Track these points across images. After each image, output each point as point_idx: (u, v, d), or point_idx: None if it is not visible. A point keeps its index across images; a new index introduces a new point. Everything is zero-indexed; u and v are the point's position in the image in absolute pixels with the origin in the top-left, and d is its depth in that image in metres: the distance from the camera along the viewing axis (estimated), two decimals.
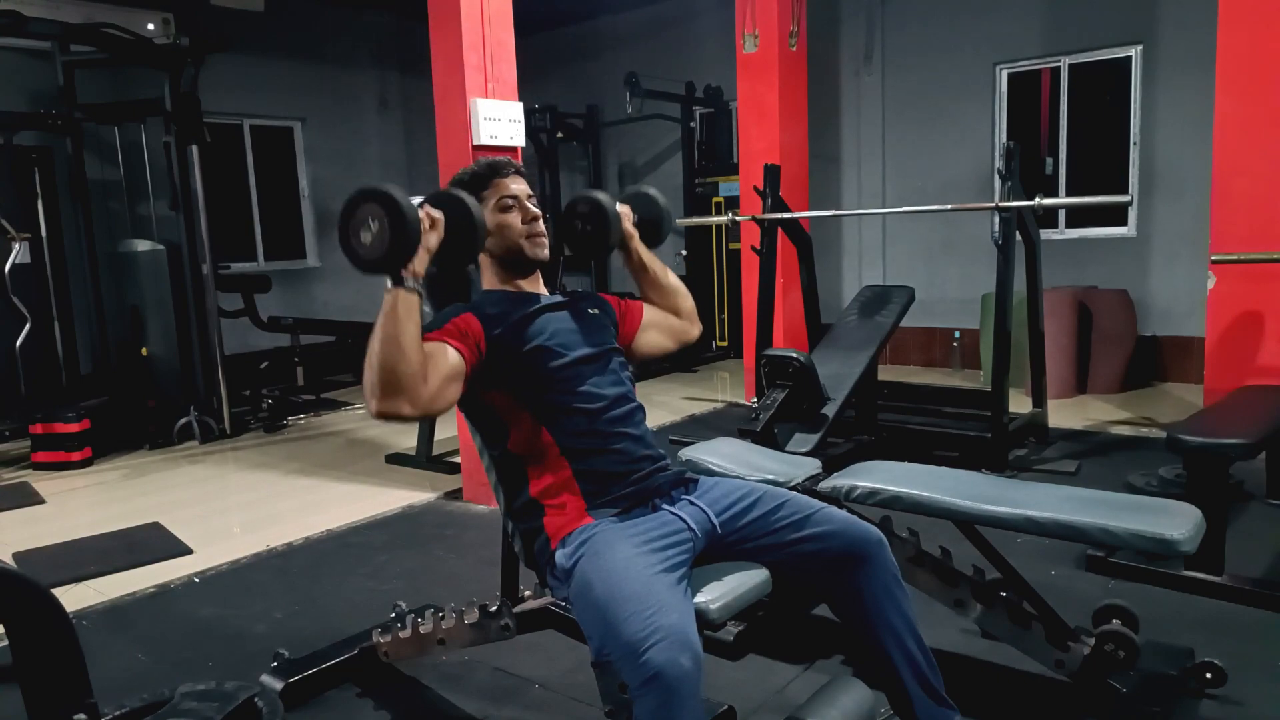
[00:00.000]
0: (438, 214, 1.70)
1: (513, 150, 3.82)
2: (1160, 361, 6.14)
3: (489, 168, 1.95)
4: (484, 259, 1.95)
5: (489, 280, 1.97)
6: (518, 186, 1.93)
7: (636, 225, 2.11)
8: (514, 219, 1.91)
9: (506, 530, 1.95)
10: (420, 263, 1.64)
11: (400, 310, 1.59)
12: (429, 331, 1.73)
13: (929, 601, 2.17)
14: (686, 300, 2.20)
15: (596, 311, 1.99)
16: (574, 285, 2.10)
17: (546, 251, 1.95)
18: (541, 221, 1.94)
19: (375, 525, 3.85)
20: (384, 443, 5.31)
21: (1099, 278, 6.17)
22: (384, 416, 1.61)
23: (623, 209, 2.08)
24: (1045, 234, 5.55)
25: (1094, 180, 6.42)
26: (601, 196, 2.04)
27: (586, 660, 1.58)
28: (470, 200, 1.76)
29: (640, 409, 1.94)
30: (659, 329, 2.15)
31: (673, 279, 2.18)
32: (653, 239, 2.17)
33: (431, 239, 1.67)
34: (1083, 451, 4.46)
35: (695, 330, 2.21)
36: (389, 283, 1.61)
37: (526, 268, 1.94)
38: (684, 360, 7.73)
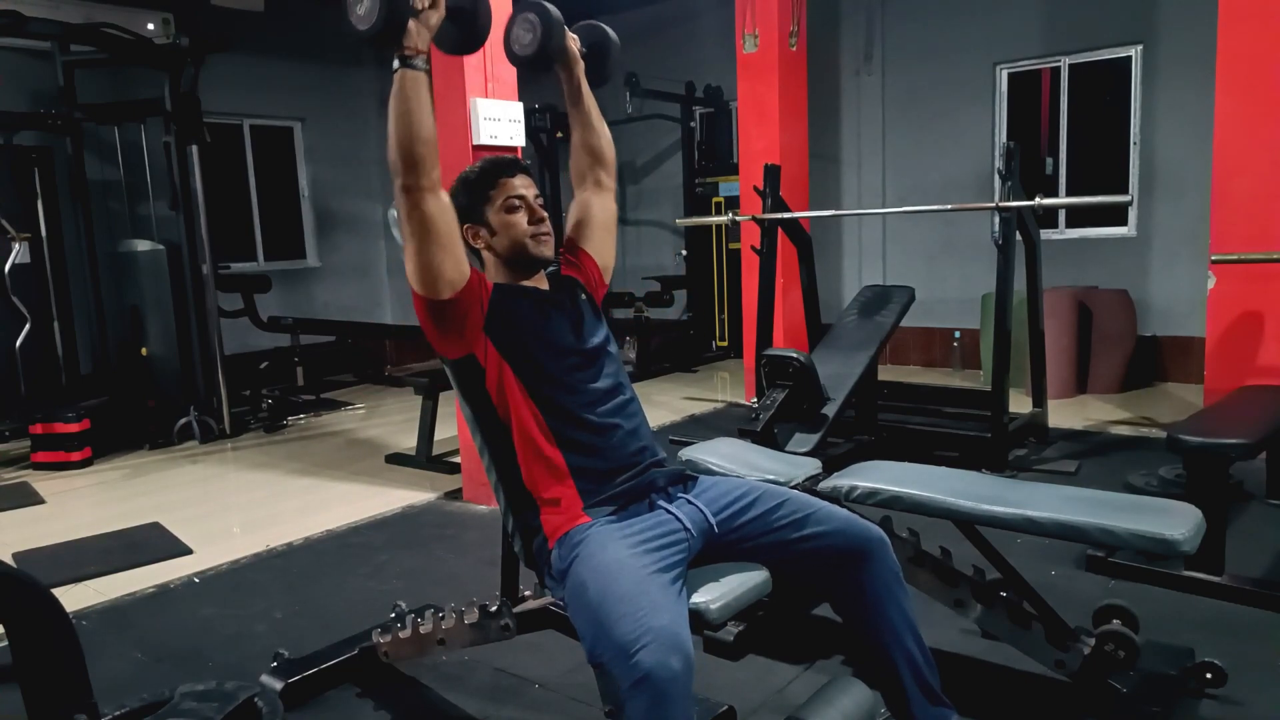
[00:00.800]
0: None
1: (512, 150, 3.82)
2: (1160, 361, 6.14)
3: (494, 166, 1.93)
4: (488, 257, 1.94)
5: (493, 277, 1.96)
6: (524, 187, 1.91)
7: (584, 55, 2.06)
8: (520, 219, 1.89)
9: (506, 530, 1.95)
10: (421, 38, 1.67)
11: (408, 87, 1.65)
12: None
13: (929, 601, 2.17)
14: (609, 148, 2.14)
15: (584, 298, 1.98)
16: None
17: (552, 251, 1.94)
18: (548, 221, 1.93)
19: (375, 525, 3.85)
20: (384, 443, 5.31)
21: (1099, 278, 6.17)
22: (408, 192, 1.67)
23: (571, 36, 2.04)
24: (1045, 234, 5.54)
25: (1094, 180, 6.41)
26: (549, 4, 1.97)
27: (586, 660, 1.58)
28: None
29: (635, 401, 1.93)
30: (597, 236, 2.10)
31: (605, 126, 2.12)
32: (599, 70, 2.12)
33: (432, 16, 1.68)
34: (1083, 451, 4.46)
35: (611, 184, 2.15)
36: (395, 63, 1.65)
37: (532, 267, 1.93)
38: (684, 360, 7.73)
